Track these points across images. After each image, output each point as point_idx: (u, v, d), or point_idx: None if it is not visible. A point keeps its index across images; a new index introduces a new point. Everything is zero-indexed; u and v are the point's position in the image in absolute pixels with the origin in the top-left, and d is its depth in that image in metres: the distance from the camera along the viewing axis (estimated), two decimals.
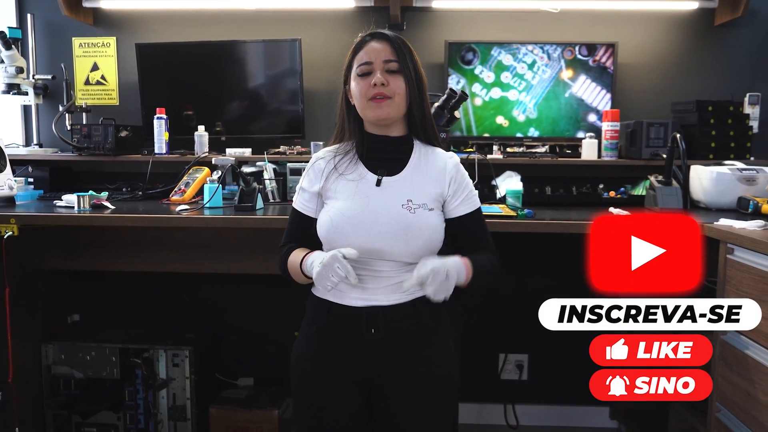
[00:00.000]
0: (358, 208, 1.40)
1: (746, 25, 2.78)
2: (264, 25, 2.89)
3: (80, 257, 2.57)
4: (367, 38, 1.47)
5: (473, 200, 1.51)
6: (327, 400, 1.47)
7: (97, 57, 2.95)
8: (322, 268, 1.32)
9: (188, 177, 2.57)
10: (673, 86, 2.81)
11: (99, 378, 2.67)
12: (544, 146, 2.75)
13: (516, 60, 2.74)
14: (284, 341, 2.89)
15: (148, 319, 2.94)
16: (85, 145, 2.67)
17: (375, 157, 1.48)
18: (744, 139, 2.63)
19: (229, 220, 2.12)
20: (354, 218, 1.39)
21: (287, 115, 2.82)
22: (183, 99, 2.84)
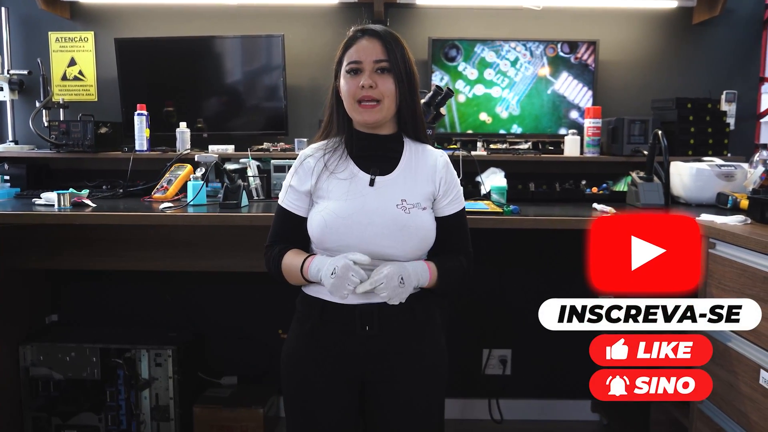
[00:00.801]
0: (352, 209, 1.40)
1: (723, 24, 2.83)
2: (246, 20, 2.86)
3: (59, 256, 2.52)
4: (359, 34, 1.46)
5: (460, 201, 1.52)
6: (320, 398, 1.46)
7: (75, 52, 2.89)
8: (336, 280, 1.32)
9: (170, 174, 2.54)
10: (652, 83, 2.86)
11: (79, 379, 2.63)
12: (526, 143, 2.78)
13: (499, 57, 2.76)
14: (268, 339, 2.89)
15: (129, 319, 2.90)
16: (64, 142, 2.61)
17: (365, 155, 1.47)
18: (721, 136, 2.68)
19: (215, 218, 2.10)
20: (349, 219, 1.39)
21: (270, 111, 2.80)
22: (163, 95, 2.80)
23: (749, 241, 1.67)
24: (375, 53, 1.42)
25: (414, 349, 1.47)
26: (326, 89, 2.80)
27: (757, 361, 1.64)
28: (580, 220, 2.08)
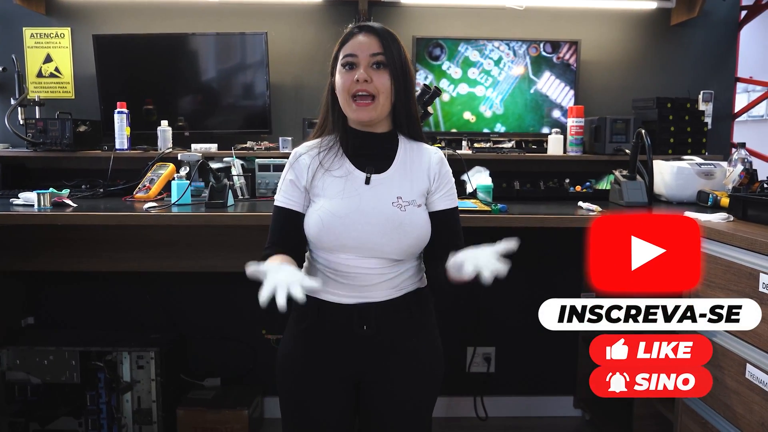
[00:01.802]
0: (348, 207, 1.38)
1: (700, 25, 2.88)
2: (228, 17, 2.82)
3: (37, 258, 2.47)
4: (355, 30, 1.45)
5: (453, 197, 1.52)
6: (317, 398, 1.45)
7: (51, 48, 2.82)
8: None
9: (152, 173, 2.49)
10: (633, 83, 2.90)
11: (58, 383, 2.57)
12: (510, 141, 2.79)
13: (483, 56, 2.77)
14: (251, 340, 2.87)
15: (107, 321, 2.84)
16: (41, 141, 2.55)
17: (360, 153, 1.46)
18: (700, 135, 2.74)
19: (202, 218, 2.07)
20: (345, 217, 1.38)
21: (253, 109, 2.76)
22: (143, 93, 2.74)
23: (735, 239, 1.70)
24: (371, 47, 1.41)
25: (411, 348, 1.46)
26: (310, 87, 2.85)
27: (743, 355, 1.68)
28: (573, 218, 2.11)
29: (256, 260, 1.39)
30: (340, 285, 1.41)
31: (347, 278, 1.41)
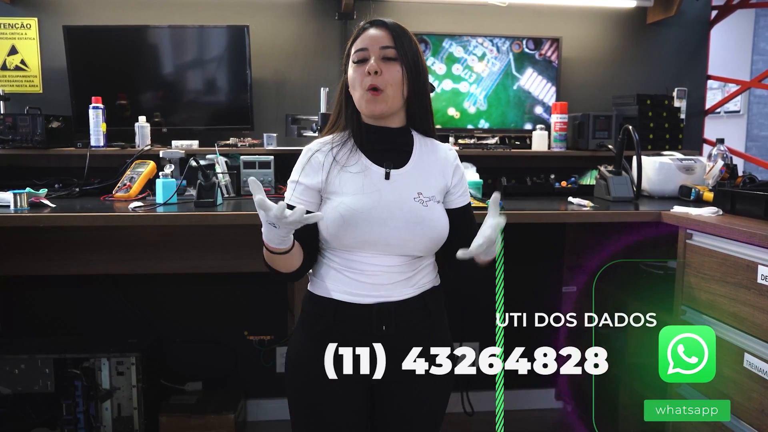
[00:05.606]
0: (371, 203, 1.35)
1: (674, 24, 2.96)
2: (208, 10, 2.73)
3: (7, 261, 2.34)
4: (366, 25, 1.43)
5: (467, 194, 1.53)
6: (332, 401, 1.42)
7: (16, 40, 2.67)
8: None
9: (132, 171, 2.39)
10: (612, 80, 2.96)
11: (30, 393, 2.44)
12: (494, 137, 2.80)
13: (467, 52, 2.77)
14: (232, 342, 2.79)
15: (83, 326, 2.72)
16: (10, 138, 2.41)
17: (375, 148, 1.43)
18: (677, 131, 2.81)
19: (194, 217, 1.99)
20: (367, 213, 1.34)
21: (234, 105, 2.68)
22: (116, 87, 2.63)
23: (732, 232, 1.74)
24: (381, 41, 1.39)
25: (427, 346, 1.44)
26: (292, 83, 2.79)
27: (742, 345, 1.73)
28: (570, 214, 2.14)
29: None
30: (357, 284, 1.38)
31: (366, 277, 1.38)
